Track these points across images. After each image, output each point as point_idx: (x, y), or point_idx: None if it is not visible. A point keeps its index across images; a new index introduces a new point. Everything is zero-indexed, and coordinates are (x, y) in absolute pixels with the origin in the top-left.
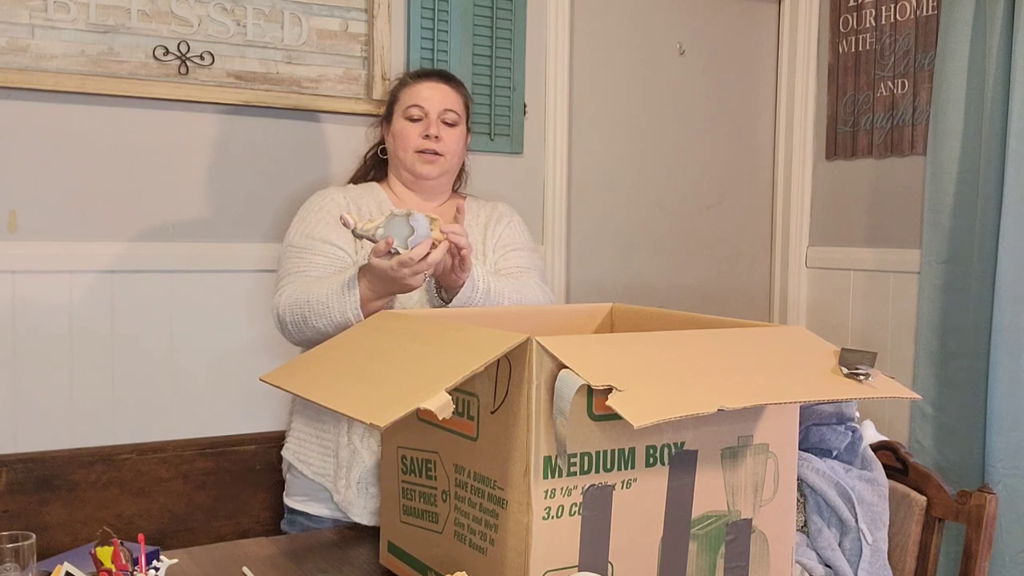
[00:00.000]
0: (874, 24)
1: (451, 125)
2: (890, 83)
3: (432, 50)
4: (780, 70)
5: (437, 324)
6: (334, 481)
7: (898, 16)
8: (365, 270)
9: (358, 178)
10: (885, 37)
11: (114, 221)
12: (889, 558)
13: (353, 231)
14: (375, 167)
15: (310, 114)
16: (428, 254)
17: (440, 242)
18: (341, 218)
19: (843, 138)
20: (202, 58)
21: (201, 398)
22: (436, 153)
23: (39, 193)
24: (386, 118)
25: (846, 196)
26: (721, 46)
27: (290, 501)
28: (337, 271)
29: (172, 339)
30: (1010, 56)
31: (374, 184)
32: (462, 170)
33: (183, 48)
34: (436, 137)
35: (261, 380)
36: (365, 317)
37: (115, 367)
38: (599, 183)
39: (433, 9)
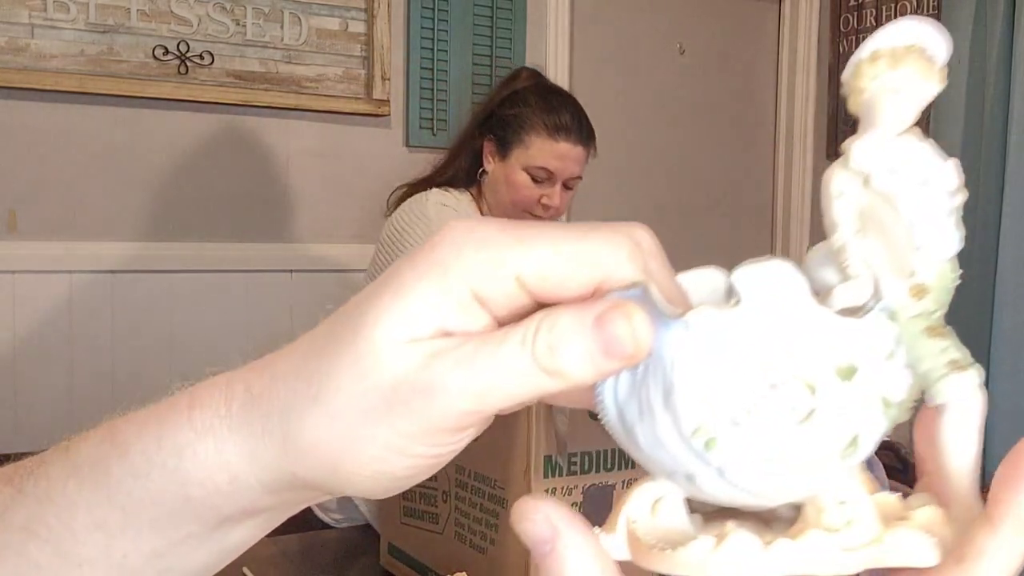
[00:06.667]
0: (874, 24)
1: (571, 188)
2: None
3: (432, 50)
4: (780, 70)
5: None
6: None
7: (898, 16)
8: None
9: (444, 181)
10: None
11: (114, 221)
12: None
13: None
14: (466, 177)
15: (310, 114)
16: None
17: None
18: None
19: (844, 138)
20: (202, 58)
21: None
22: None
23: (39, 193)
24: (500, 144)
25: None
26: (721, 46)
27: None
28: None
29: (172, 339)
30: (1010, 56)
31: (466, 195)
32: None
33: (183, 48)
34: (556, 207)
35: None
36: None
37: (115, 367)
38: (599, 183)
39: (433, 9)
